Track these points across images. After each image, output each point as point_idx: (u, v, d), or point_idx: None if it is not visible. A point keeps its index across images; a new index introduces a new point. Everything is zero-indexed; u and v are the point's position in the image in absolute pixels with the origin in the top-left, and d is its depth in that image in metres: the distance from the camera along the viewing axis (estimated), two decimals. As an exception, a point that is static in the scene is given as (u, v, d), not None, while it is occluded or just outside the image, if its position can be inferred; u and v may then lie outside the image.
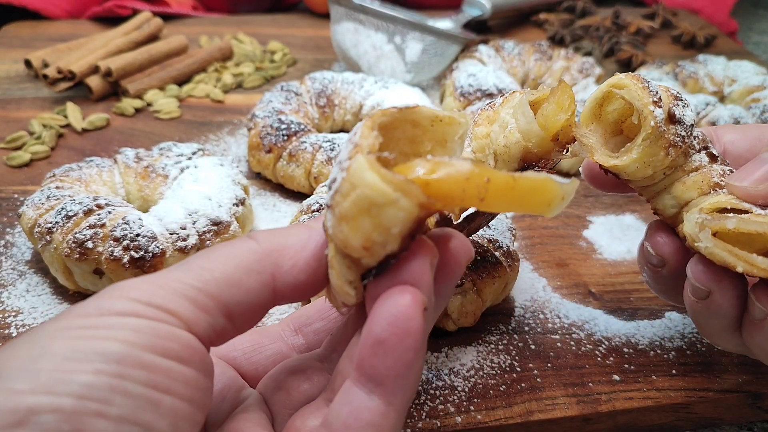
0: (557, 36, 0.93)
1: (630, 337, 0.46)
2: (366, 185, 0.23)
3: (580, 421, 0.40)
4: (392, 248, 0.25)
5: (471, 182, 0.24)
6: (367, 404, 0.25)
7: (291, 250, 0.28)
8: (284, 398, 0.32)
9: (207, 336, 0.26)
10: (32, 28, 0.92)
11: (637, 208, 0.60)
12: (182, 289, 0.26)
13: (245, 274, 0.27)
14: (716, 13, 1.05)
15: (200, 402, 0.25)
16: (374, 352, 0.25)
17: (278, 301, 0.28)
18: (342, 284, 0.27)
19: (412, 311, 0.25)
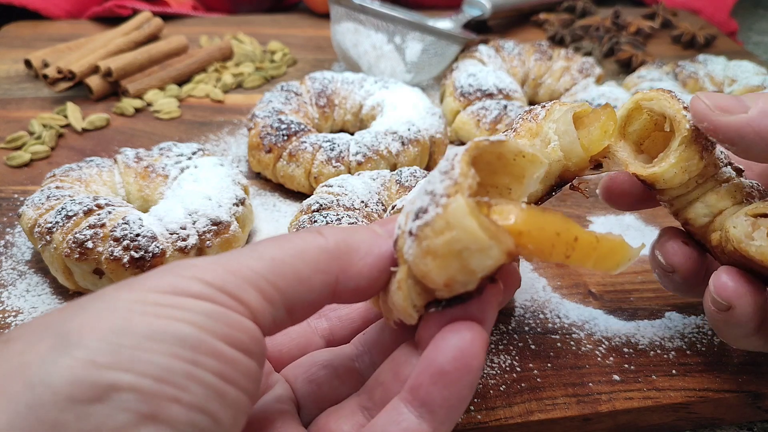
0: (557, 36, 0.93)
1: (630, 337, 0.46)
2: (463, 230, 0.24)
3: (580, 421, 0.40)
4: (471, 287, 0.25)
5: (561, 239, 0.25)
6: (416, 428, 0.26)
7: (357, 255, 0.28)
8: (314, 392, 0.32)
9: (267, 327, 0.26)
10: (32, 28, 0.92)
11: (637, 208, 0.60)
12: (254, 278, 0.25)
13: (313, 272, 0.27)
14: (716, 13, 1.05)
15: (255, 394, 0.26)
16: (434, 381, 0.25)
17: (334, 301, 0.28)
18: (407, 306, 0.27)
19: (477, 349, 0.25)
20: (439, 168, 0.26)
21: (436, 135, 0.61)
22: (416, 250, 0.25)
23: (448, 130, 0.67)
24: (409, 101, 0.64)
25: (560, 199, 0.61)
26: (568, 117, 0.35)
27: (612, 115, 0.36)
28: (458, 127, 0.67)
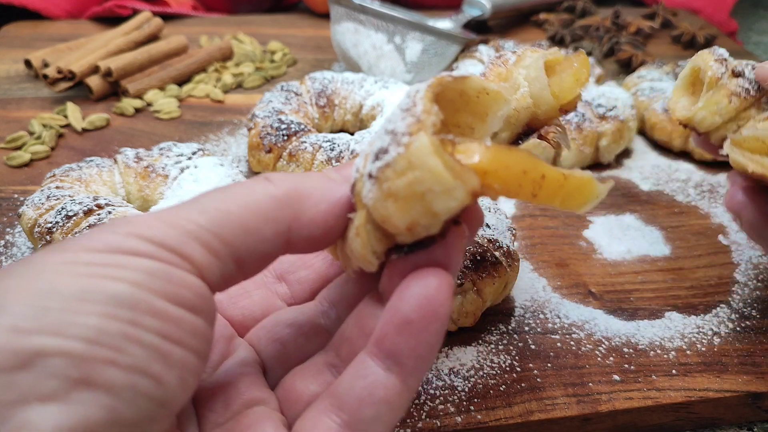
0: (557, 36, 0.93)
1: (630, 337, 0.46)
2: (427, 170, 0.22)
3: (580, 421, 0.40)
4: (434, 231, 0.24)
5: (528, 176, 0.24)
6: (383, 381, 0.25)
7: (310, 201, 0.26)
8: (279, 352, 0.30)
9: (215, 283, 0.25)
10: (32, 28, 0.92)
11: (637, 208, 0.60)
12: (197, 231, 0.24)
13: (262, 221, 0.25)
14: (716, 13, 1.05)
15: (204, 354, 0.24)
16: (400, 331, 0.24)
17: (288, 251, 0.27)
18: (367, 254, 0.26)
19: (443, 295, 0.24)
20: (400, 105, 0.25)
21: (436, 135, 0.61)
22: (376, 194, 0.24)
23: (448, 130, 0.66)
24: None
25: (560, 199, 0.61)
26: (540, 63, 0.34)
27: (585, 63, 0.35)
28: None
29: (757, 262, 0.54)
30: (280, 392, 0.29)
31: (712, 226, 0.58)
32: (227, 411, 0.27)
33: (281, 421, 0.27)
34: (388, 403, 0.25)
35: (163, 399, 0.22)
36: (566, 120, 0.64)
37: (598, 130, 0.64)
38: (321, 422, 0.25)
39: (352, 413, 0.25)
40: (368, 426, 0.25)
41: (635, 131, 0.68)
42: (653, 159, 0.68)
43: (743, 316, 0.48)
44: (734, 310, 0.49)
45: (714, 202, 0.61)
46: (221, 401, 0.28)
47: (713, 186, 0.64)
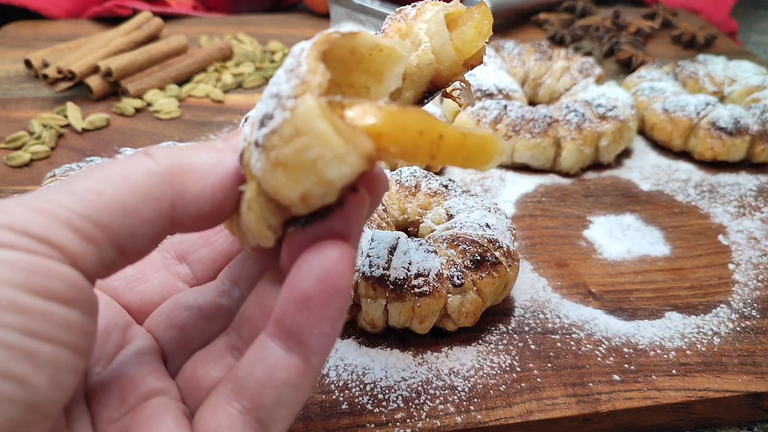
0: (557, 36, 0.93)
1: (630, 337, 0.46)
2: (315, 135, 0.21)
3: (580, 421, 0.40)
4: (330, 200, 0.23)
5: (425, 137, 0.22)
6: (285, 362, 0.23)
7: (195, 174, 0.24)
8: (179, 338, 0.28)
9: (94, 270, 0.22)
10: (32, 28, 0.92)
11: (637, 208, 0.60)
12: (66, 216, 0.21)
13: (141, 201, 0.23)
14: (716, 13, 1.05)
15: (84, 348, 0.22)
16: (299, 308, 0.23)
17: (175, 231, 0.25)
18: (261, 228, 0.24)
19: (343, 267, 0.23)
20: (285, 66, 0.23)
21: (436, 135, 0.61)
22: (264, 163, 0.22)
23: (448, 130, 0.66)
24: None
25: (560, 199, 0.61)
26: (440, 17, 0.32)
27: (487, 14, 0.33)
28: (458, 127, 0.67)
29: (757, 262, 0.54)
30: (181, 380, 0.27)
31: (712, 226, 0.58)
32: (123, 405, 0.26)
33: (182, 411, 0.26)
34: (291, 385, 0.23)
35: (32, 402, 0.20)
36: (566, 120, 0.64)
37: (598, 130, 0.64)
38: (221, 410, 0.24)
39: (252, 398, 0.24)
40: (270, 411, 0.24)
41: (635, 131, 0.68)
42: (653, 159, 0.68)
43: (743, 316, 0.48)
44: (734, 310, 0.49)
45: (714, 202, 0.61)
46: (116, 395, 0.26)
47: (713, 186, 0.64)
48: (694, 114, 0.67)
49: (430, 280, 0.42)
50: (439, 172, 0.64)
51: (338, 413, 0.39)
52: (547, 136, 0.63)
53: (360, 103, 0.23)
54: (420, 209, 0.50)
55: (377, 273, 0.42)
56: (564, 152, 0.63)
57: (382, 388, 0.41)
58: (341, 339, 0.44)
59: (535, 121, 0.63)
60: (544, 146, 0.63)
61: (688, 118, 0.67)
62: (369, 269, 0.42)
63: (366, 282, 0.42)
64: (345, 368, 0.42)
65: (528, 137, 0.63)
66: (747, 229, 0.58)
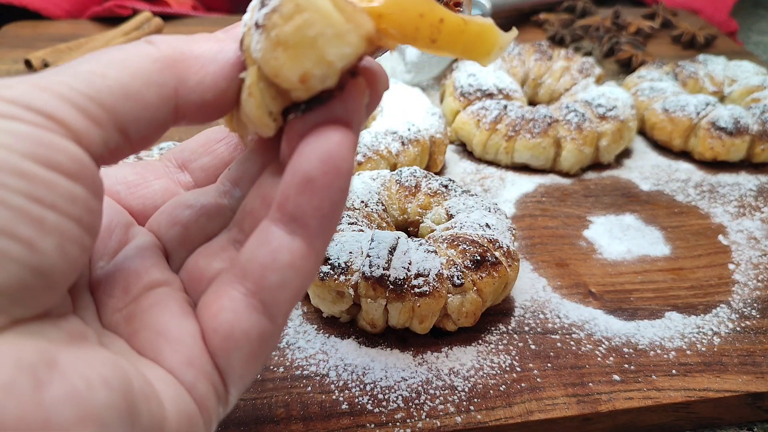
0: (557, 36, 0.93)
1: (630, 337, 0.46)
2: (316, 11, 0.21)
3: (580, 421, 0.40)
4: (330, 84, 0.22)
5: (425, 20, 0.22)
6: (287, 245, 0.23)
7: (197, 62, 0.24)
8: (181, 234, 0.29)
9: (98, 152, 0.22)
10: (32, 28, 0.92)
11: (637, 208, 0.60)
12: (70, 95, 0.21)
13: (144, 85, 0.23)
14: (716, 13, 1.05)
15: (90, 225, 0.22)
16: (302, 191, 0.23)
17: (179, 121, 0.25)
18: (262, 115, 0.24)
19: (345, 150, 0.23)
20: None
21: (436, 135, 0.61)
22: (265, 44, 0.22)
23: (448, 130, 0.67)
24: (409, 101, 0.64)
25: (559, 199, 0.61)
26: None
27: None
28: (458, 127, 0.67)
29: (757, 262, 0.54)
30: (184, 274, 0.28)
31: (712, 226, 0.58)
32: (127, 295, 0.26)
33: (185, 300, 0.26)
34: (294, 267, 0.24)
35: (39, 267, 0.20)
36: (566, 120, 0.64)
37: (598, 130, 0.64)
38: (225, 293, 0.24)
39: (256, 281, 0.24)
40: (274, 293, 0.24)
41: (635, 131, 0.68)
42: (653, 159, 0.69)
43: (743, 316, 0.48)
44: (734, 310, 0.49)
45: (714, 202, 0.61)
46: (120, 286, 0.26)
47: (713, 186, 0.64)
48: (694, 114, 0.67)
49: (430, 280, 0.42)
50: (440, 172, 0.64)
51: (338, 413, 0.39)
52: (547, 136, 0.63)
53: None
54: (420, 209, 0.50)
55: (377, 273, 0.42)
56: (564, 152, 0.63)
57: (382, 388, 0.41)
58: (341, 339, 0.44)
59: (535, 121, 0.63)
60: (544, 146, 0.63)
61: (688, 118, 0.67)
62: (369, 269, 0.42)
63: (366, 282, 0.42)
64: (345, 368, 0.42)
65: (528, 137, 0.63)
66: (747, 229, 0.58)
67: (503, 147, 0.64)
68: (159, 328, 0.25)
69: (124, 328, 0.25)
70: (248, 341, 0.24)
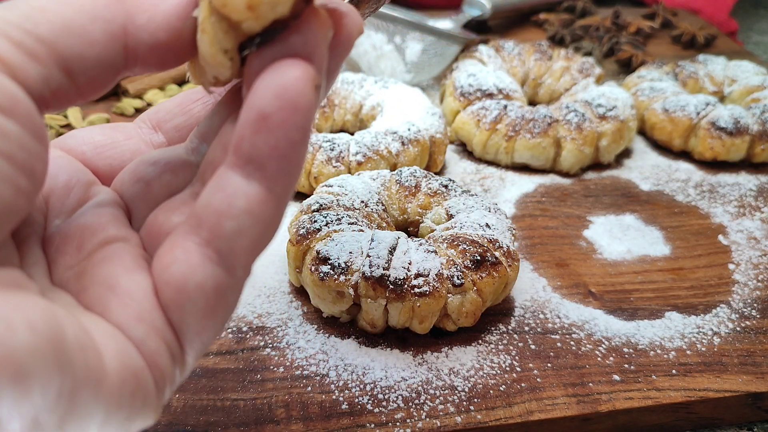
0: (557, 36, 0.93)
1: (630, 337, 0.46)
2: None
3: (580, 421, 0.40)
4: (282, 11, 0.21)
5: None
6: (244, 189, 0.22)
7: (147, 0, 0.23)
8: (143, 192, 0.27)
9: (38, 91, 0.21)
10: (32, 28, 0.92)
11: (637, 208, 0.60)
12: (4, 28, 0.20)
13: (89, 20, 0.21)
14: (716, 13, 1.05)
15: (24, 164, 0.20)
16: (257, 129, 0.21)
17: (131, 65, 0.23)
18: (216, 52, 0.23)
19: (303, 84, 0.21)
20: None
21: (436, 135, 0.61)
22: None
23: (448, 130, 0.67)
24: (409, 101, 0.64)
25: (559, 199, 0.61)
26: None
27: None
28: (458, 127, 0.67)
29: (757, 262, 0.54)
30: (144, 230, 0.26)
31: (712, 226, 0.58)
32: (80, 252, 0.25)
33: (140, 255, 0.25)
34: (251, 213, 0.22)
35: None
36: (566, 120, 0.64)
37: (598, 130, 0.64)
38: (178, 245, 0.23)
39: (210, 229, 0.22)
40: (231, 241, 0.22)
41: (635, 131, 0.68)
42: (653, 159, 0.69)
43: (743, 316, 0.48)
44: (734, 310, 0.49)
45: (714, 202, 0.61)
46: (74, 243, 0.25)
47: (713, 186, 0.64)
48: (694, 114, 0.67)
49: (430, 280, 0.42)
50: (440, 172, 0.64)
51: (338, 413, 0.39)
52: (547, 136, 0.63)
53: None
54: (420, 209, 0.50)
55: (377, 273, 0.42)
56: (564, 152, 0.63)
57: (382, 388, 0.41)
58: (341, 339, 0.44)
59: (535, 121, 0.63)
60: (544, 146, 0.63)
61: (688, 118, 0.67)
62: (369, 269, 0.42)
63: (366, 282, 0.42)
64: (345, 368, 0.42)
65: (528, 137, 0.63)
66: (747, 229, 0.58)
67: (503, 147, 0.64)
68: (109, 282, 0.23)
69: (74, 284, 0.24)
70: (203, 294, 0.22)
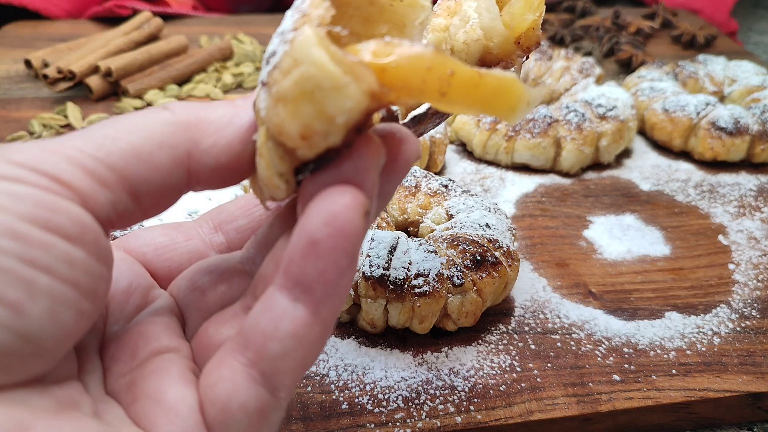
0: (557, 36, 0.93)
1: (630, 337, 0.46)
2: (312, 63, 0.20)
3: (580, 420, 0.40)
4: (334, 141, 0.21)
5: (433, 73, 0.21)
6: (290, 312, 0.22)
7: (212, 126, 0.24)
8: (198, 300, 0.28)
9: (106, 215, 0.22)
10: (32, 28, 0.92)
11: (637, 208, 0.60)
12: (78, 157, 0.21)
13: (156, 147, 0.23)
14: (716, 13, 1.05)
15: (89, 289, 0.22)
16: (305, 254, 0.22)
17: (193, 185, 0.24)
18: (271, 176, 0.23)
19: (352, 212, 0.21)
20: (293, 6, 0.23)
21: (436, 135, 0.61)
22: (268, 101, 0.22)
23: (448, 130, 0.67)
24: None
25: (559, 199, 0.61)
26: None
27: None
28: (458, 127, 0.67)
29: (757, 262, 0.54)
30: (195, 341, 0.27)
31: (712, 226, 0.58)
32: (133, 360, 0.25)
33: (189, 368, 0.25)
34: (297, 336, 0.22)
35: (26, 332, 0.20)
36: (566, 120, 0.64)
37: (598, 130, 0.64)
38: (225, 363, 0.23)
39: (256, 350, 0.23)
40: (276, 363, 0.22)
41: (635, 131, 0.68)
42: (653, 159, 0.68)
43: (743, 316, 0.48)
44: (734, 310, 0.49)
45: (714, 202, 0.61)
46: (128, 351, 0.26)
47: (713, 186, 0.64)
48: (694, 114, 0.67)
49: (431, 280, 0.42)
50: (440, 172, 0.64)
51: (338, 413, 0.39)
52: (547, 136, 0.63)
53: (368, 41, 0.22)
54: (420, 209, 0.50)
55: (377, 273, 0.42)
56: (564, 152, 0.63)
57: (382, 388, 0.41)
58: (341, 339, 0.44)
59: (535, 121, 0.63)
60: (544, 146, 0.63)
61: (688, 118, 0.67)
62: (369, 269, 0.42)
63: (366, 282, 0.42)
64: (345, 368, 0.42)
65: (528, 137, 0.63)
66: (747, 229, 0.58)
67: (503, 147, 0.64)
68: (157, 396, 0.24)
69: (125, 394, 0.25)
70: (246, 414, 0.23)
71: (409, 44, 0.21)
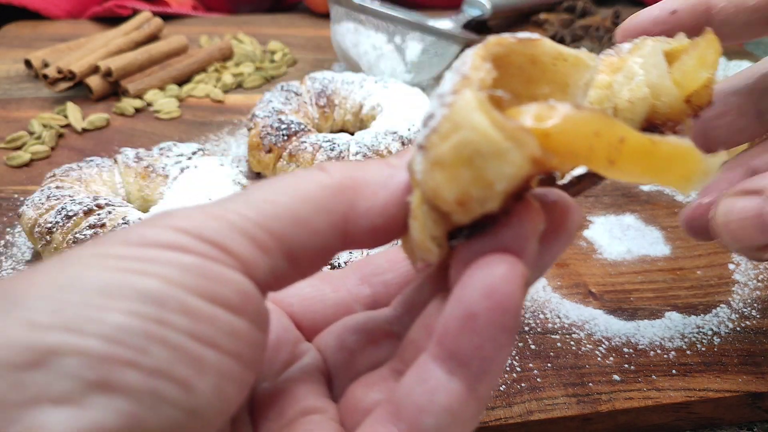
0: (557, 36, 0.93)
1: (630, 337, 0.46)
2: (472, 128, 0.19)
3: (580, 421, 0.40)
4: (492, 207, 0.21)
5: (601, 139, 0.20)
6: (445, 386, 0.21)
7: (368, 189, 0.24)
8: (346, 360, 0.28)
9: (265, 281, 0.22)
10: (32, 28, 0.92)
11: (637, 208, 0.60)
12: (241, 223, 0.21)
13: (314, 212, 0.23)
14: (716, 13, 1.05)
15: (250, 360, 0.22)
16: (463, 327, 0.21)
17: (347, 246, 0.24)
18: (424, 239, 0.23)
19: (512, 285, 0.20)
20: (452, 68, 0.22)
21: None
22: (424, 165, 0.21)
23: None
24: (410, 101, 0.64)
25: (560, 199, 0.61)
26: (658, 48, 0.29)
27: (713, 42, 0.29)
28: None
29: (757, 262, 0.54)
30: (342, 402, 0.27)
31: (712, 226, 0.58)
32: (281, 419, 0.25)
33: (337, 431, 0.25)
34: (451, 411, 0.21)
35: (194, 408, 0.20)
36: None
37: (598, 130, 0.64)
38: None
39: (410, 422, 0.22)
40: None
41: (635, 131, 0.68)
42: (653, 159, 0.68)
43: (743, 316, 0.48)
44: (734, 310, 0.49)
45: (714, 202, 0.61)
46: (276, 409, 0.26)
47: (713, 186, 0.64)
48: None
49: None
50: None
51: (338, 413, 0.39)
52: (548, 136, 0.63)
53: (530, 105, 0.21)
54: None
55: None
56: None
57: (382, 388, 0.41)
58: (341, 339, 0.44)
59: (535, 121, 0.63)
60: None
61: (688, 118, 0.67)
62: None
63: None
64: (345, 368, 0.42)
65: (528, 137, 0.63)
66: (747, 229, 0.58)
67: (503, 147, 0.64)
68: None
69: None
70: None
71: (574, 107, 0.20)
